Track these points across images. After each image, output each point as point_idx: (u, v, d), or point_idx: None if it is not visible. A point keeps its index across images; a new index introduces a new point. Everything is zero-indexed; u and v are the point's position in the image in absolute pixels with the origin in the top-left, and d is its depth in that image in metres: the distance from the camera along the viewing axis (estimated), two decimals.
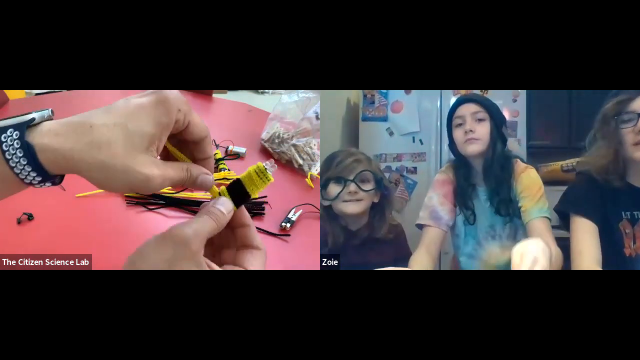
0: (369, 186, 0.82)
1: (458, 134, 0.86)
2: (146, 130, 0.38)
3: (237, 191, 0.45)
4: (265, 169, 0.45)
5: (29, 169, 0.36)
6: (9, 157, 0.35)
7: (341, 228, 0.84)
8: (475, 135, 0.84)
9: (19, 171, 0.36)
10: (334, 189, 0.81)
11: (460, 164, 0.89)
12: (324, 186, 0.82)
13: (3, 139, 0.35)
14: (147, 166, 0.38)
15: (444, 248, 0.96)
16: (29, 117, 0.36)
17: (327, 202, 0.82)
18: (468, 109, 0.85)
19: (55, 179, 0.39)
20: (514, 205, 0.85)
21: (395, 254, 0.86)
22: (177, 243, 0.39)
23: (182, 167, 0.43)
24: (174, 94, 0.40)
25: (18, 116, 0.37)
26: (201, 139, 0.44)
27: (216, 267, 0.44)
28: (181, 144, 0.45)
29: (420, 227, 0.88)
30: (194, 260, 0.40)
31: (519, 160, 0.88)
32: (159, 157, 0.42)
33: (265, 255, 0.46)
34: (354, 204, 0.82)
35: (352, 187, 0.81)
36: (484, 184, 0.88)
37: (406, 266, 0.85)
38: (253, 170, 0.45)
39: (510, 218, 0.87)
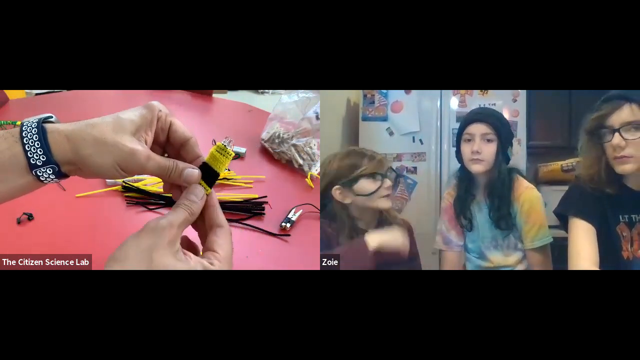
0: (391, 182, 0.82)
1: (466, 150, 0.88)
2: (133, 118, 0.46)
3: (207, 173, 0.49)
4: (224, 145, 0.49)
5: (38, 146, 0.42)
6: (25, 135, 0.43)
7: (355, 230, 0.81)
8: (481, 157, 0.86)
9: (29, 149, 0.42)
10: (368, 185, 0.79)
11: (465, 175, 0.91)
12: (351, 183, 0.79)
13: (24, 125, 0.43)
14: (133, 143, 0.45)
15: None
16: (48, 114, 0.46)
17: (361, 197, 0.79)
18: (478, 129, 0.87)
19: (56, 168, 0.44)
20: (513, 219, 0.88)
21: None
22: (153, 233, 0.43)
23: (170, 159, 0.48)
24: (156, 102, 0.49)
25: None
26: (186, 140, 0.49)
27: (193, 257, 0.45)
28: (174, 152, 0.51)
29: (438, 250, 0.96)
30: (170, 249, 0.43)
31: (519, 176, 0.90)
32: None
33: (229, 232, 0.49)
34: (387, 199, 0.81)
35: (388, 182, 0.80)
36: (485, 197, 0.90)
37: (416, 266, 0.86)
38: (214, 150, 0.49)
39: (510, 231, 0.89)
